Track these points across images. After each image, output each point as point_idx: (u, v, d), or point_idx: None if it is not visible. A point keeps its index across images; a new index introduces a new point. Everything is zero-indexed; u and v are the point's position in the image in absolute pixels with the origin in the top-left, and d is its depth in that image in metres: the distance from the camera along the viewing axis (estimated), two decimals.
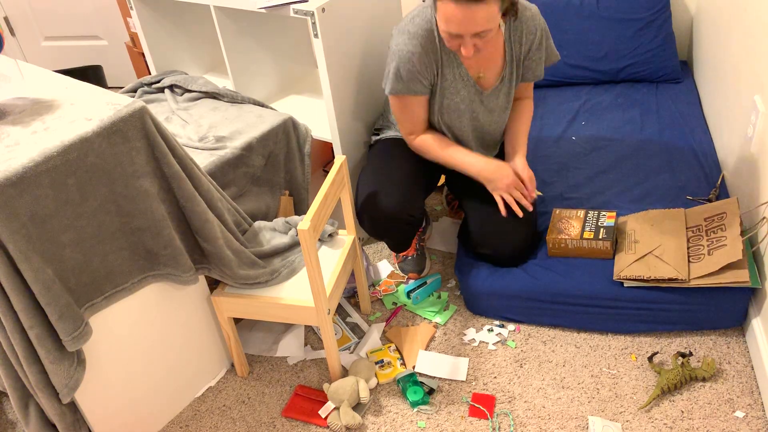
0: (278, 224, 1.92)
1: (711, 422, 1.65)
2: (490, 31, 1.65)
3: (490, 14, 1.61)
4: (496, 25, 1.66)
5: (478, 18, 1.61)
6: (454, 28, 1.64)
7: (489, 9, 1.60)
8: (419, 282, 2.11)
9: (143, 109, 1.48)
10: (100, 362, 1.61)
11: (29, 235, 1.36)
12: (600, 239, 1.87)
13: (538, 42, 1.86)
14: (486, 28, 1.63)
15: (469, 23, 1.62)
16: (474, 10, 1.59)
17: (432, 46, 1.80)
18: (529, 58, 1.89)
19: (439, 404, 1.79)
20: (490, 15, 1.61)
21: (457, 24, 1.63)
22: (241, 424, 1.82)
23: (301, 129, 2.13)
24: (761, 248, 1.79)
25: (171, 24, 2.47)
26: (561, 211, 2.00)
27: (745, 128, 1.96)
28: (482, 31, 1.64)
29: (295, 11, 1.89)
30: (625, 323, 1.88)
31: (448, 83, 1.87)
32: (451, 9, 1.60)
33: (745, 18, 2.05)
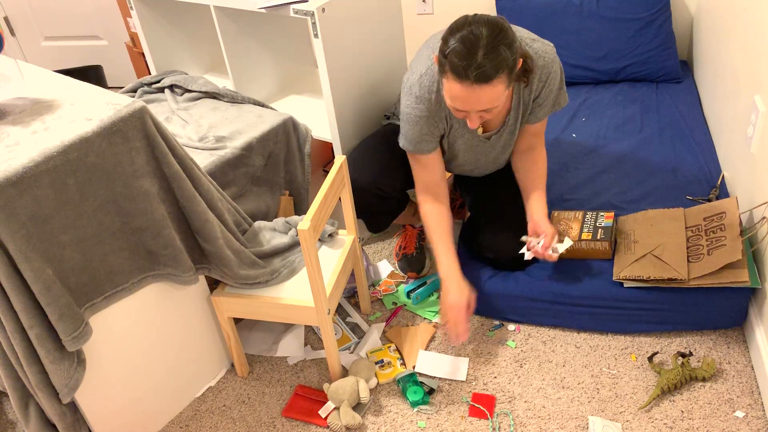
0: (278, 224, 1.92)
1: (711, 422, 1.65)
2: (498, 107, 1.60)
3: (496, 94, 1.54)
4: (503, 101, 1.60)
5: (483, 99, 1.54)
6: (459, 105, 1.59)
7: (495, 89, 1.53)
8: (419, 282, 2.11)
9: (143, 109, 1.48)
10: (100, 362, 1.61)
11: (29, 235, 1.36)
12: (598, 240, 1.87)
13: (548, 90, 1.79)
14: (492, 106, 1.58)
15: (475, 103, 1.56)
16: (479, 92, 1.52)
17: (438, 105, 1.76)
18: (537, 104, 1.83)
19: (439, 404, 1.79)
20: (496, 94, 1.54)
21: (462, 102, 1.57)
22: (241, 424, 1.82)
23: (301, 129, 2.13)
24: (761, 248, 1.79)
25: (171, 24, 2.47)
26: (559, 213, 2.00)
27: (745, 128, 1.96)
28: (488, 108, 1.59)
29: (295, 11, 1.89)
30: (625, 323, 1.88)
31: (454, 130, 1.85)
32: (456, 88, 1.54)
33: (744, 18, 2.05)
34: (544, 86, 1.78)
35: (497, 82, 1.52)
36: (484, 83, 1.51)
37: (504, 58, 1.50)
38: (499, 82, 1.52)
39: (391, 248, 2.34)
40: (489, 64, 1.49)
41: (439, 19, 3.06)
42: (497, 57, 1.49)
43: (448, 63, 1.53)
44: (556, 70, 1.77)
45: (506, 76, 1.53)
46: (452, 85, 1.55)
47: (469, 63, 1.49)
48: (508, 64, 1.52)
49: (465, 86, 1.52)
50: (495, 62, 1.49)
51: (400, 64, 2.30)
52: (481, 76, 1.49)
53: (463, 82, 1.52)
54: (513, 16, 2.77)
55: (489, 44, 1.49)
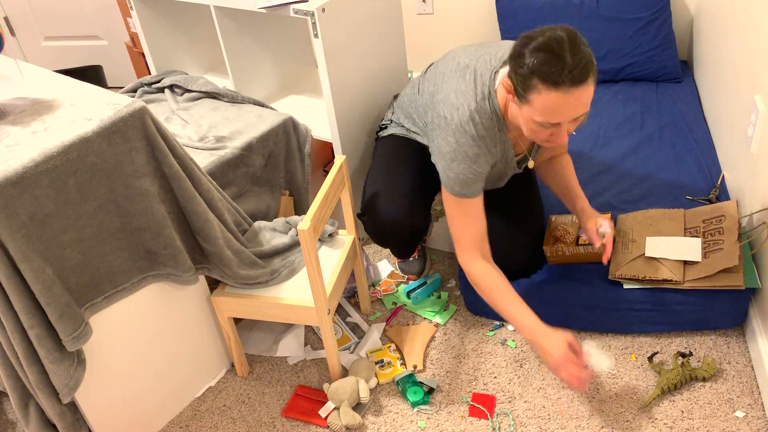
0: (278, 224, 1.92)
1: (711, 422, 1.65)
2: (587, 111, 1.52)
3: (590, 94, 1.47)
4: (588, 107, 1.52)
5: (581, 102, 1.46)
6: (556, 118, 1.48)
7: (589, 90, 1.46)
8: (419, 282, 2.11)
9: (143, 109, 1.48)
10: (100, 362, 1.61)
11: (29, 235, 1.36)
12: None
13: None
14: (587, 109, 1.49)
15: (574, 108, 1.47)
16: (577, 95, 1.44)
17: (493, 141, 1.67)
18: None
19: (439, 404, 1.79)
20: (590, 95, 1.47)
21: (560, 113, 1.47)
22: (241, 424, 1.82)
23: (301, 129, 2.13)
24: (761, 251, 1.79)
25: (171, 24, 2.47)
26: (557, 218, 2.00)
27: (745, 128, 1.96)
28: (582, 113, 1.50)
29: (295, 11, 1.89)
30: (625, 323, 1.88)
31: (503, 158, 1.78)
32: (551, 99, 1.44)
33: (744, 18, 2.05)
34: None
35: (590, 81, 1.46)
36: (581, 84, 1.44)
37: (590, 56, 1.45)
38: (591, 81, 1.46)
39: None
40: (580, 63, 1.43)
41: (439, 19, 3.06)
42: (584, 56, 1.43)
43: (537, 75, 1.44)
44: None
45: (594, 74, 1.47)
46: (546, 98, 1.45)
47: (561, 67, 1.42)
48: (593, 62, 1.46)
49: (561, 92, 1.44)
50: (584, 61, 1.43)
51: (400, 64, 2.30)
52: (576, 78, 1.43)
53: (559, 88, 1.43)
54: (513, 16, 2.77)
55: (572, 45, 1.43)
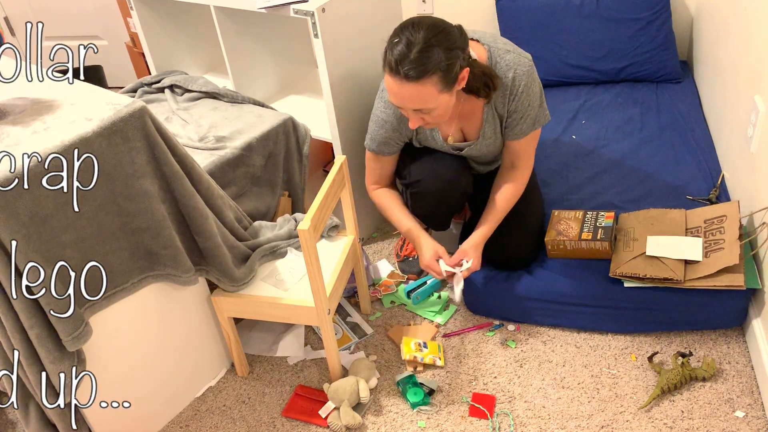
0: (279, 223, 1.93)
1: (711, 422, 1.65)
2: (433, 109, 1.61)
3: (426, 94, 1.56)
4: (439, 105, 1.60)
5: (413, 97, 1.57)
6: (394, 101, 1.62)
7: (424, 89, 1.55)
8: (419, 282, 2.11)
9: (143, 109, 1.48)
10: (100, 362, 1.61)
11: (29, 235, 1.36)
12: (598, 240, 1.87)
13: (522, 102, 1.74)
14: (424, 107, 1.60)
15: (406, 100, 1.59)
16: (409, 89, 1.55)
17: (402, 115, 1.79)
18: (509, 117, 1.78)
19: (439, 404, 1.79)
20: (426, 95, 1.56)
21: (395, 98, 1.61)
22: (241, 424, 1.82)
23: (301, 129, 2.13)
24: (761, 252, 1.79)
25: (171, 24, 2.47)
26: (560, 213, 2.00)
27: (745, 128, 1.96)
28: (421, 108, 1.60)
29: (295, 11, 1.89)
30: (625, 323, 1.88)
31: (422, 137, 1.89)
32: (390, 82, 1.58)
33: (744, 18, 2.05)
34: (517, 98, 1.73)
35: (427, 82, 1.54)
36: (414, 81, 1.54)
37: (437, 60, 1.53)
38: (429, 83, 1.54)
39: (391, 248, 2.34)
40: (418, 62, 1.52)
41: None
42: (429, 58, 1.52)
43: (386, 58, 1.57)
44: (530, 84, 1.72)
45: (438, 78, 1.55)
46: (387, 79, 1.59)
47: (400, 59, 1.53)
48: (440, 67, 1.53)
49: (396, 81, 1.56)
50: (425, 62, 1.52)
51: None
52: (409, 74, 1.53)
53: (394, 77, 1.56)
54: (513, 16, 2.77)
55: (424, 44, 1.52)
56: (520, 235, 1.93)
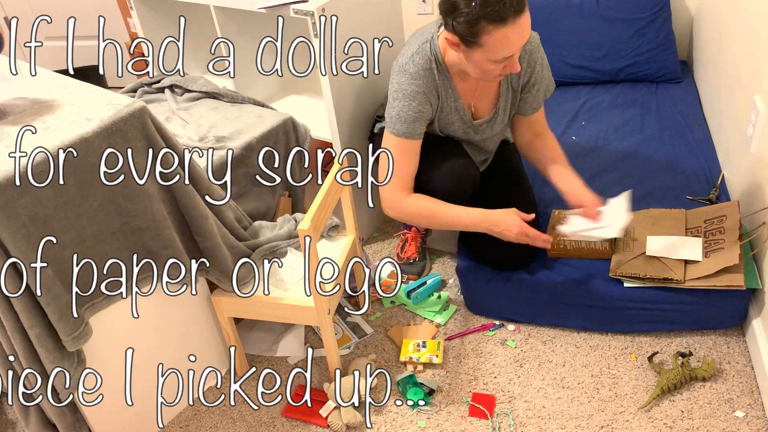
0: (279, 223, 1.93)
1: (711, 422, 1.65)
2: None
3: (529, 20, 1.61)
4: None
5: (526, 28, 1.60)
6: (513, 49, 1.61)
7: (527, 16, 1.60)
8: (419, 282, 2.11)
9: (143, 109, 1.48)
10: (100, 362, 1.61)
11: (29, 235, 1.36)
12: None
13: (536, 76, 1.83)
14: (529, 34, 1.64)
15: (524, 35, 1.61)
16: (522, 22, 1.58)
17: (433, 83, 1.79)
18: (527, 91, 1.86)
19: (439, 404, 1.79)
20: (529, 21, 1.61)
21: (513, 44, 1.60)
22: (241, 424, 1.82)
23: (301, 129, 2.13)
24: (761, 252, 1.79)
25: (171, 24, 2.47)
26: (560, 212, 2.00)
27: (745, 128, 1.96)
28: (527, 39, 1.65)
29: (295, 11, 1.89)
30: (625, 323, 1.88)
31: (444, 115, 1.87)
32: (504, 34, 1.57)
33: (745, 18, 2.05)
34: (533, 72, 1.83)
35: (527, 6, 1.59)
36: (523, 11, 1.57)
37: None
38: (526, 6, 1.59)
39: (391, 248, 2.34)
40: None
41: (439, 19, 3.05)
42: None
43: (484, 18, 1.55)
44: (542, 55, 1.83)
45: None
46: (498, 35, 1.57)
47: (502, 3, 1.53)
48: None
49: (510, 26, 1.56)
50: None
51: None
52: (517, 8, 1.55)
53: (507, 23, 1.55)
54: None
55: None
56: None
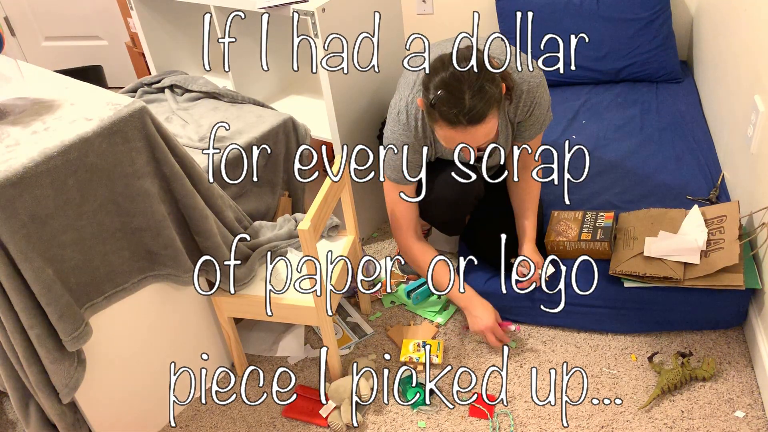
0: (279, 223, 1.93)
1: (711, 422, 1.65)
2: (494, 135, 1.61)
3: (490, 128, 1.54)
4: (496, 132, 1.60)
5: (479, 135, 1.54)
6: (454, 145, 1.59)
7: (488, 125, 1.53)
8: (419, 282, 2.11)
9: (143, 110, 1.48)
10: (100, 362, 1.61)
11: (29, 235, 1.36)
12: (597, 240, 1.87)
13: (534, 115, 1.78)
14: (489, 139, 1.58)
15: (472, 141, 1.56)
16: (474, 132, 1.53)
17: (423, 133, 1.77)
18: (522, 125, 1.82)
19: (439, 404, 1.79)
20: (490, 128, 1.55)
21: (455, 141, 1.57)
22: (241, 424, 1.82)
23: (301, 129, 2.13)
24: (761, 252, 1.79)
25: (171, 24, 2.47)
26: (559, 213, 2.00)
27: (745, 128, 1.96)
28: (484, 142, 1.59)
29: (295, 11, 1.89)
30: (625, 323, 1.88)
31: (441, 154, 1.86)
32: (450, 133, 1.54)
33: (745, 18, 2.05)
34: (530, 111, 1.77)
35: (490, 118, 1.53)
36: (477, 124, 1.51)
37: (491, 95, 1.51)
38: (491, 117, 1.53)
39: (392, 248, 2.34)
40: (479, 105, 1.49)
41: (439, 19, 3.06)
42: (485, 96, 1.49)
43: (437, 112, 1.52)
44: (542, 94, 1.75)
45: (495, 110, 1.54)
46: (446, 131, 1.55)
47: (459, 110, 1.49)
48: (495, 99, 1.52)
49: (459, 130, 1.52)
50: (483, 101, 1.49)
51: (400, 65, 2.30)
52: (473, 119, 1.50)
53: (456, 127, 1.52)
54: (513, 16, 2.77)
55: (474, 85, 1.48)
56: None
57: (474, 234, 2.02)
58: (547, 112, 1.82)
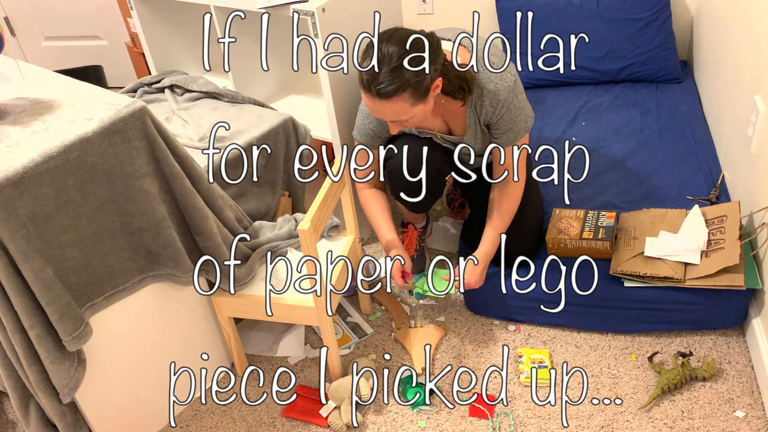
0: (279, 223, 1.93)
1: (711, 422, 1.65)
2: (408, 119, 1.64)
3: (398, 109, 1.59)
4: (412, 116, 1.63)
5: (387, 112, 1.61)
6: (375, 114, 1.65)
7: (396, 105, 1.58)
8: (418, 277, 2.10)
9: (143, 109, 1.48)
10: (100, 362, 1.61)
11: (29, 235, 1.36)
12: (599, 239, 1.87)
13: (499, 117, 1.75)
14: (398, 119, 1.63)
15: (381, 114, 1.63)
16: (381, 106, 1.59)
17: None
18: (495, 129, 1.80)
19: (439, 404, 1.79)
20: (399, 109, 1.59)
21: (371, 111, 1.64)
22: (241, 424, 1.82)
23: (301, 129, 2.13)
24: (761, 252, 1.79)
25: (171, 24, 2.47)
26: (561, 211, 2.01)
27: (745, 128, 1.96)
28: (396, 120, 1.64)
29: (295, 11, 1.89)
30: (625, 323, 1.88)
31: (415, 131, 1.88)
32: (364, 96, 1.62)
33: (745, 18, 2.05)
34: (497, 113, 1.75)
35: (398, 99, 1.56)
36: (385, 99, 1.56)
37: (406, 78, 1.54)
38: (400, 99, 1.56)
39: None
40: (388, 82, 1.54)
41: (439, 19, 3.06)
42: (399, 77, 1.53)
43: (359, 73, 1.59)
44: (510, 99, 1.72)
45: (409, 94, 1.56)
46: (364, 97, 1.62)
47: (372, 78, 1.55)
48: (410, 84, 1.55)
49: (369, 98, 1.60)
50: (395, 82, 1.54)
51: None
52: (380, 92, 1.55)
53: (367, 93, 1.59)
54: (513, 16, 2.77)
55: (394, 62, 1.53)
56: (519, 234, 1.93)
57: (474, 233, 2.02)
58: (521, 120, 1.77)
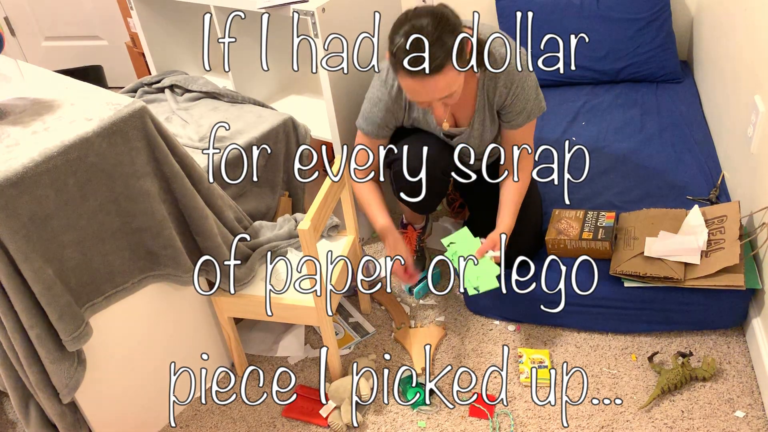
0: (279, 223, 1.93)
1: (711, 422, 1.65)
2: (456, 92, 1.64)
3: (449, 80, 1.59)
4: (460, 86, 1.64)
5: (438, 87, 1.59)
6: (418, 98, 1.64)
7: (447, 77, 1.57)
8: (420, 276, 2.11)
9: (143, 109, 1.48)
10: (100, 362, 1.61)
11: (29, 235, 1.36)
12: (599, 239, 1.87)
13: (513, 98, 1.77)
14: (449, 92, 1.62)
15: (431, 93, 1.61)
16: (434, 82, 1.57)
17: (398, 95, 1.81)
18: (505, 111, 1.82)
19: (439, 404, 1.79)
20: (449, 81, 1.59)
21: (420, 94, 1.62)
22: (241, 424, 1.82)
23: (301, 129, 2.13)
24: (761, 252, 1.79)
25: (171, 24, 2.47)
26: (560, 212, 2.01)
27: (745, 128, 1.96)
28: (446, 95, 1.63)
29: (295, 11, 1.89)
30: (625, 323, 1.88)
31: (416, 120, 1.88)
32: (410, 83, 1.60)
33: (745, 18, 2.05)
34: (512, 93, 1.76)
35: (448, 69, 1.57)
36: (435, 74, 1.56)
37: (450, 46, 1.55)
38: (449, 68, 1.57)
39: None
40: (434, 56, 1.53)
41: None
42: (443, 45, 1.54)
43: (398, 60, 1.57)
44: (524, 78, 1.75)
45: (453, 62, 1.57)
46: (407, 81, 1.60)
47: (418, 56, 1.54)
48: (454, 49, 1.56)
49: (418, 79, 1.57)
50: (442, 51, 1.54)
51: None
52: (431, 68, 1.54)
53: (414, 77, 1.57)
54: (513, 16, 2.77)
55: (433, 34, 1.54)
56: (519, 233, 1.92)
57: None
58: (535, 99, 1.80)
